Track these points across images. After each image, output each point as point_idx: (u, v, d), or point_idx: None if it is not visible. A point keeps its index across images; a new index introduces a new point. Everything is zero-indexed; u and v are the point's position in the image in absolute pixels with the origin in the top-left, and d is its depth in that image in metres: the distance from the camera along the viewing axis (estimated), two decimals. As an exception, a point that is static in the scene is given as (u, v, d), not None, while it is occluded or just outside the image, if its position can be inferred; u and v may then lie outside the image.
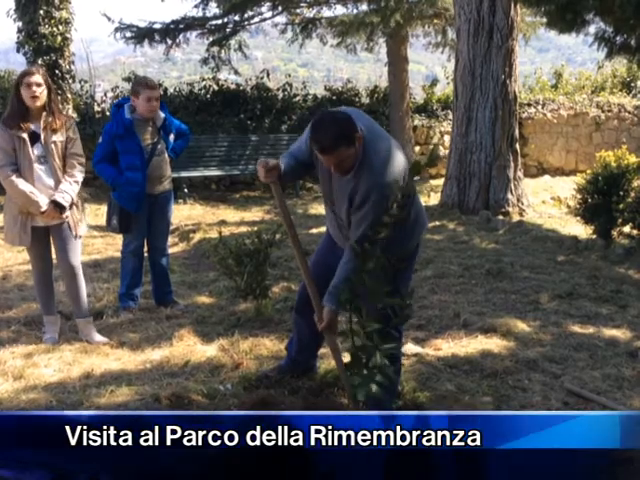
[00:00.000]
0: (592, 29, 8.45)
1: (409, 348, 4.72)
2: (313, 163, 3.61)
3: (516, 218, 9.92)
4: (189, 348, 4.74)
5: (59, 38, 10.97)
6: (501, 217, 9.86)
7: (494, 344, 4.84)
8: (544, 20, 9.87)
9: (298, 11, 14.97)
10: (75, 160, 4.77)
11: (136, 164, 5.34)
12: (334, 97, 14.29)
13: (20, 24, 11.00)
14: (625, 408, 3.88)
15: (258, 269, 5.41)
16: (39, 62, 10.80)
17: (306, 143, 3.57)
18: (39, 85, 4.62)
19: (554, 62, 20.74)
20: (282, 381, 4.17)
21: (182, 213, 10.32)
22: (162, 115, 5.49)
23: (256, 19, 14.66)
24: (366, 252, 3.32)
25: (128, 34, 13.73)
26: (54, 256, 4.96)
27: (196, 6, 14.23)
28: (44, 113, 4.69)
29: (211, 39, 14.09)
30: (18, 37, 11.08)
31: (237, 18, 14.39)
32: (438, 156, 14.14)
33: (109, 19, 13.56)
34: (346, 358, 3.53)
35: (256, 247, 5.41)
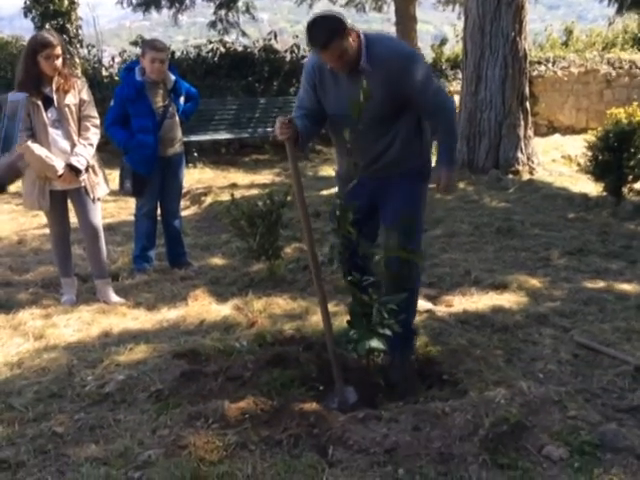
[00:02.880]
0: (603, -16, 8.35)
1: (421, 304, 4.77)
2: (320, 101, 3.69)
3: (526, 177, 9.91)
4: (204, 308, 4.83)
5: (66, 2, 10.94)
6: (511, 176, 9.86)
7: (505, 300, 4.90)
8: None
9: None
10: (89, 122, 4.81)
11: (148, 126, 5.39)
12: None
13: (26, -11, 10.97)
14: (634, 359, 3.94)
15: (270, 230, 5.47)
16: (46, 26, 10.77)
17: (307, 83, 3.71)
18: (59, 56, 4.66)
19: (565, 19, 20.46)
20: (296, 337, 4.26)
21: (193, 177, 10.37)
22: (172, 77, 5.52)
23: (263, -20, 14.53)
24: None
25: (135, 0, 13.65)
26: (72, 219, 5.03)
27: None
28: (57, 77, 4.72)
29: (218, 2, 13.99)
30: (25, 2, 11.04)
31: (244, -21, 14.29)
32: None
33: (116, -15, 13.48)
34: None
35: (268, 208, 5.47)
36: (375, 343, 3.38)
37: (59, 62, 4.66)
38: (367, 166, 3.72)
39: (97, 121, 4.87)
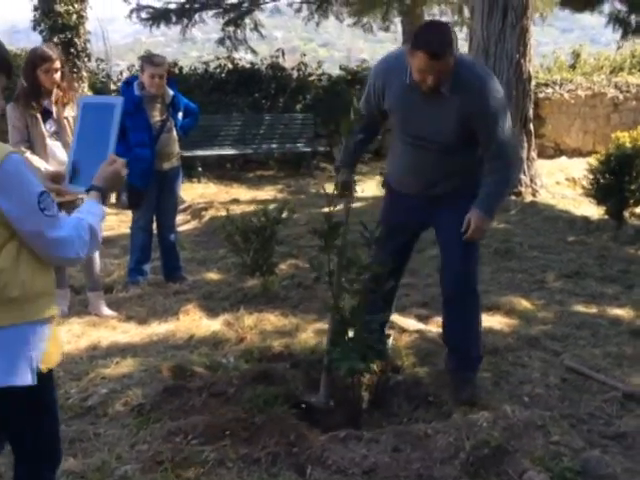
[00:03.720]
0: (606, 8, 8.35)
1: (411, 324, 4.77)
2: (380, 116, 3.73)
3: (529, 199, 9.88)
4: (194, 322, 4.82)
5: (74, 16, 11.02)
6: (514, 197, 9.81)
7: (496, 322, 4.87)
8: (559, -1, 9.78)
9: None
10: None
11: (145, 140, 5.41)
12: (349, 76, 14.25)
13: (36, 2, 11.07)
14: (623, 385, 3.91)
15: (264, 246, 5.46)
16: (54, 40, 10.85)
17: (372, 96, 3.68)
18: (57, 70, 4.69)
19: (578, 43, 20.48)
20: (284, 354, 4.24)
21: (195, 191, 10.40)
22: (171, 92, 5.54)
23: (271, -2, 14.65)
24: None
25: (144, 15, 13.78)
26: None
27: (211, -15, 14.25)
28: (56, 90, 4.75)
29: (226, 19, 14.09)
30: (34, 15, 11.14)
31: (252, -4, 14.39)
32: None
33: (125, 0, 13.59)
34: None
35: (262, 224, 5.46)
36: (356, 364, 3.36)
37: (58, 76, 4.69)
38: (424, 187, 3.72)
39: None
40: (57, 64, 4.69)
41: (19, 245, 2.00)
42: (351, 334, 3.57)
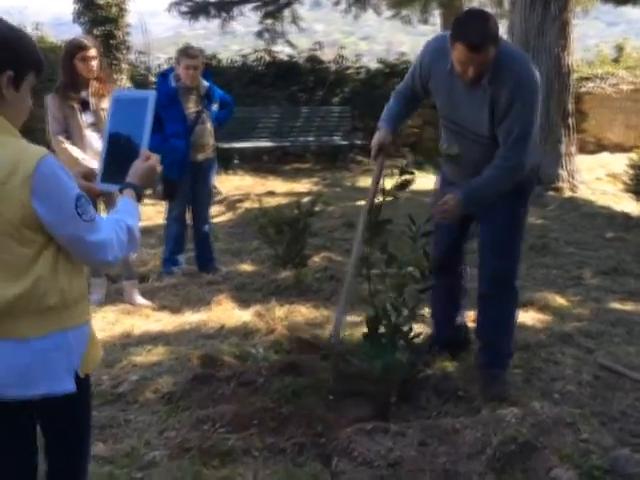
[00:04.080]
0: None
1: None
2: (423, 93, 3.67)
3: (567, 194, 9.73)
4: (226, 313, 4.85)
5: (114, 9, 11.14)
6: (552, 193, 9.69)
7: (530, 317, 4.81)
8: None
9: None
10: None
11: (180, 132, 5.45)
12: (387, 69, 14.18)
13: (77, -5, 11.22)
14: (657, 384, 3.84)
15: (297, 238, 5.49)
16: (95, 32, 10.99)
17: (418, 72, 3.61)
18: (94, 58, 4.76)
19: (623, 36, 20.07)
20: (314, 346, 4.25)
21: (232, 183, 10.45)
22: (206, 84, 5.58)
23: (310, -10, 14.62)
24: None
25: (184, 8, 13.86)
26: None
27: (251, -22, 14.28)
28: (94, 82, 4.82)
29: (264, 12, 14.11)
30: (75, 8, 11.29)
31: (291, -11, 14.39)
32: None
33: (166, -6, 13.71)
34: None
35: (296, 216, 5.48)
36: (389, 359, 3.34)
37: (95, 64, 4.76)
38: (465, 175, 3.67)
39: None
40: (93, 52, 4.75)
41: (56, 251, 1.94)
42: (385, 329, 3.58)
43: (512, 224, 3.73)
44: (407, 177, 3.47)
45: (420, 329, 4.40)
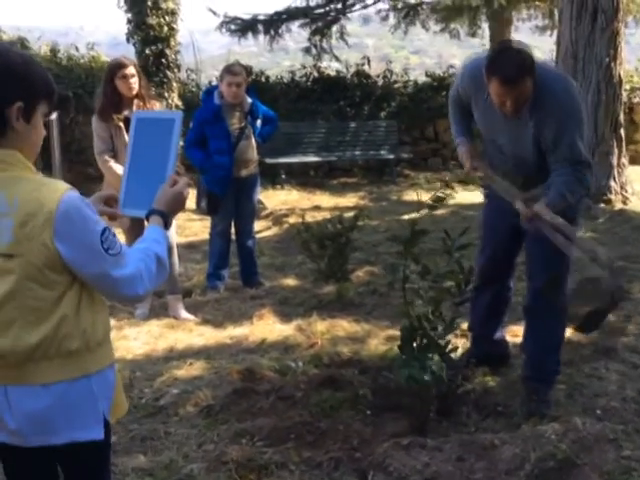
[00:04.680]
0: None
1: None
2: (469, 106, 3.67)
3: (619, 206, 9.55)
4: (268, 327, 4.90)
5: (165, 28, 11.35)
6: (603, 205, 9.52)
7: (574, 332, 4.72)
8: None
9: (400, -3, 14.91)
10: None
11: (224, 148, 5.53)
12: (435, 83, 14.14)
13: (130, 15, 11.45)
14: None
15: (339, 252, 5.51)
16: (146, 51, 11.22)
17: (459, 90, 3.67)
18: (133, 76, 4.89)
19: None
20: (353, 360, 4.26)
21: (278, 198, 10.53)
22: (249, 100, 5.65)
23: (357, 6, 14.70)
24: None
25: (233, 27, 14.08)
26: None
27: (299, -4, 14.45)
28: (136, 100, 4.94)
29: (313, 28, 14.23)
30: (127, 28, 11.54)
31: (339, 6, 14.48)
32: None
33: (214, 13, 13.95)
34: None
35: (338, 231, 5.50)
36: (416, 372, 3.33)
37: (134, 81, 4.87)
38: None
39: None
40: (132, 70, 4.89)
41: (80, 290, 1.84)
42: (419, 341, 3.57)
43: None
44: (442, 194, 3.48)
45: (458, 343, 4.40)
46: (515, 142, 3.51)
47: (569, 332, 4.66)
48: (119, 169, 4.85)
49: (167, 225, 2.06)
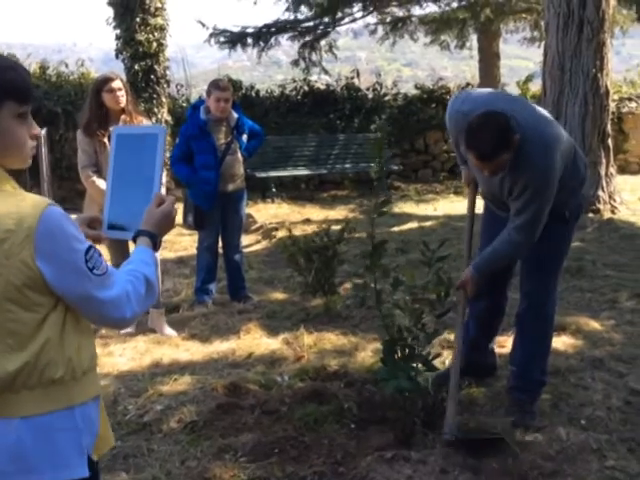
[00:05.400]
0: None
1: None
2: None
3: (607, 216, 9.57)
4: (255, 341, 4.89)
5: (154, 44, 11.38)
6: (591, 215, 9.54)
7: (561, 342, 4.73)
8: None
9: (388, 10, 14.97)
10: None
11: (210, 163, 5.54)
12: (425, 95, 14.20)
13: (118, 31, 11.49)
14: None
15: (326, 265, 5.51)
16: (136, 67, 11.25)
17: (451, 137, 3.83)
18: (120, 89, 4.90)
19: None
20: (339, 373, 4.25)
21: (268, 212, 10.54)
22: (235, 115, 5.66)
23: (346, 20, 14.77)
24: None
25: (222, 39, 14.14)
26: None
27: (287, 9, 14.50)
28: (123, 115, 4.94)
29: (302, 41, 14.30)
30: (117, 44, 11.58)
31: (328, 20, 14.55)
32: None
33: (203, 25, 14.02)
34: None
35: (324, 244, 5.50)
36: (403, 383, 3.33)
37: (122, 94, 4.88)
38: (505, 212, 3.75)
39: None
40: (119, 83, 4.91)
41: (64, 313, 1.71)
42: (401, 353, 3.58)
43: (554, 249, 3.72)
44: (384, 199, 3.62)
45: (444, 354, 4.40)
46: (498, 191, 3.62)
47: (558, 342, 4.69)
48: (102, 184, 4.84)
49: (156, 246, 1.97)
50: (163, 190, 4.34)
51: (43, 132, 9.45)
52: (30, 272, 1.63)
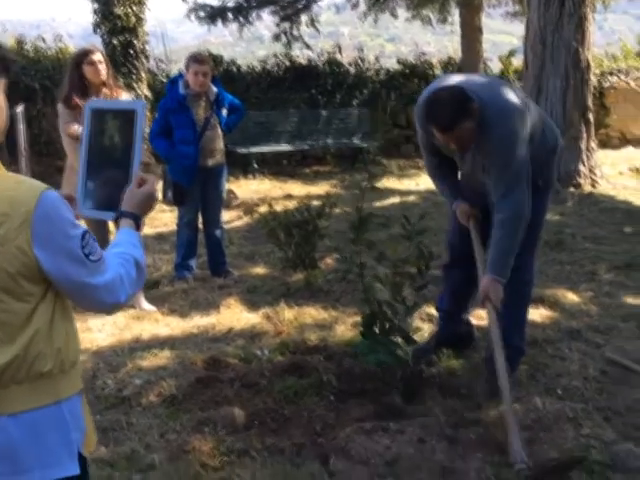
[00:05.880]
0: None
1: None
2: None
3: (588, 190, 9.62)
4: (235, 316, 4.89)
5: (133, 18, 11.21)
6: (572, 189, 9.58)
7: (539, 314, 4.77)
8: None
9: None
10: None
11: (189, 138, 5.49)
12: (407, 70, 14.13)
13: (96, 5, 11.31)
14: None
15: (307, 240, 5.50)
16: (114, 42, 11.10)
17: (422, 137, 3.76)
18: (101, 62, 4.86)
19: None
20: (319, 347, 4.27)
21: (250, 188, 10.49)
22: (215, 90, 5.61)
23: (328, -7, 14.63)
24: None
25: (202, 14, 13.96)
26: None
27: (268, -17, 14.34)
28: (104, 88, 4.90)
29: (282, 14, 14.15)
30: (94, 18, 11.41)
31: (309, -7, 14.42)
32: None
33: (184, 0, 13.82)
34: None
35: (305, 218, 5.49)
36: (382, 356, 3.35)
37: (102, 68, 4.84)
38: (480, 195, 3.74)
39: None
40: (99, 55, 4.88)
41: (53, 302, 1.65)
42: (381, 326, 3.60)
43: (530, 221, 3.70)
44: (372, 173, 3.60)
45: (424, 327, 4.43)
46: (470, 169, 3.63)
47: (536, 314, 4.73)
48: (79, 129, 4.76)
49: (139, 227, 1.92)
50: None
51: (21, 108, 9.34)
52: (25, 259, 1.57)
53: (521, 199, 3.44)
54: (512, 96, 3.52)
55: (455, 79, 3.64)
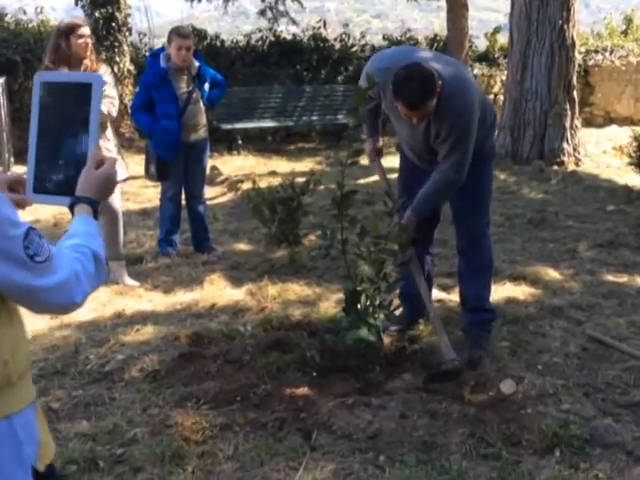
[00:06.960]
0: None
1: (434, 294, 4.73)
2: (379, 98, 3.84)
3: (571, 168, 9.67)
4: (218, 292, 4.88)
5: (115, -9, 11.11)
6: (556, 167, 9.62)
7: (520, 291, 4.80)
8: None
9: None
10: (107, 99, 4.83)
11: (171, 112, 5.44)
12: (392, 46, 14.03)
13: (78, -23, 11.18)
14: (644, 354, 3.83)
15: (290, 216, 5.48)
16: (96, 15, 10.97)
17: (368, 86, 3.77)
18: (89, 36, 4.80)
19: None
20: (302, 323, 4.27)
21: (234, 164, 10.43)
22: (197, 64, 5.56)
23: (313, -32, 14.48)
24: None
25: (186, -12, 13.78)
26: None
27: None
28: (85, 61, 4.84)
29: (267, -11, 14.01)
30: (76, -10, 11.27)
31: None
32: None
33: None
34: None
35: (288, 195, 5.48)
36: (364, 333, 3.36)
37: (89, 42, 4.79)
38: (425, 165, 3.90)
39: (116, 101, 4.95)
40: (87, 29, 4.83)
41: None
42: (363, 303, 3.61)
43: (480, 189, 3.91)
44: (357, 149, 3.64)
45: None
46: (418, 139, 3.76)
47: (518, 292, 4.76)
48: None
49: (96, 213, 1.71)
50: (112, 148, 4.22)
51: (2, 81, 9.21)
52: None
53: (464, 172, 3.65)
54: (467, 74, 3.84)
55: (417, 55, 3.83)
